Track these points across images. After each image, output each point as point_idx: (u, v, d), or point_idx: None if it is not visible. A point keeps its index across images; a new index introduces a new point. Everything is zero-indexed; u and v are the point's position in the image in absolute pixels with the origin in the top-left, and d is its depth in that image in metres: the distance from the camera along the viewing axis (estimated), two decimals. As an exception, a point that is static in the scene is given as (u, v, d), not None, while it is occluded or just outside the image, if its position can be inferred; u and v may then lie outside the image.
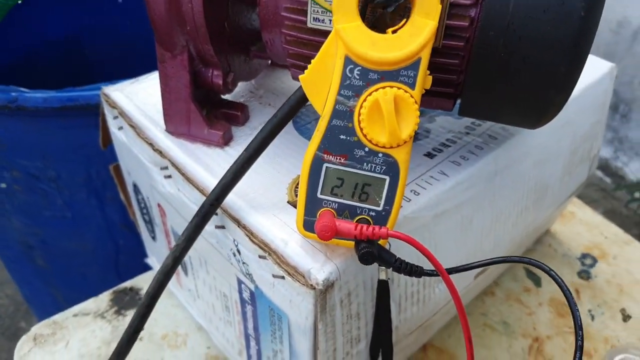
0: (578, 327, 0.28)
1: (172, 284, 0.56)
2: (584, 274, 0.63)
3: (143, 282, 0.60)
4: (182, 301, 0.56)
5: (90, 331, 0.56)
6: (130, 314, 0.56)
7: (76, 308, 0.58)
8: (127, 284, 0.60)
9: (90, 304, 0.58)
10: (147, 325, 0.37)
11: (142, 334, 0.48)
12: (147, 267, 0.61)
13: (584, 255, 0.65)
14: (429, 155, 0.40)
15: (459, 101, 0.35)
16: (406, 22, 0.28)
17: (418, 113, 0.28)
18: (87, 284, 0.69)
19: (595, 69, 0.52)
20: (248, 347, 0.44)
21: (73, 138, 0.61)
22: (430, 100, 0.35)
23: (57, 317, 0.57)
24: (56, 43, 0.87)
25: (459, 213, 0.39)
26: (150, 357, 0.53)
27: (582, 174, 0.56)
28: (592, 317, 0.58)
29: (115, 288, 0.59)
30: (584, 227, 0.69)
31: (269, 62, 0.49)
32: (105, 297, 0.59)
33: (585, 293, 0.60)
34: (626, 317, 0.58)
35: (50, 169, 0.64)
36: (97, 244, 0.72)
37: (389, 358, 0.38)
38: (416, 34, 0.27)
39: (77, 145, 0.62)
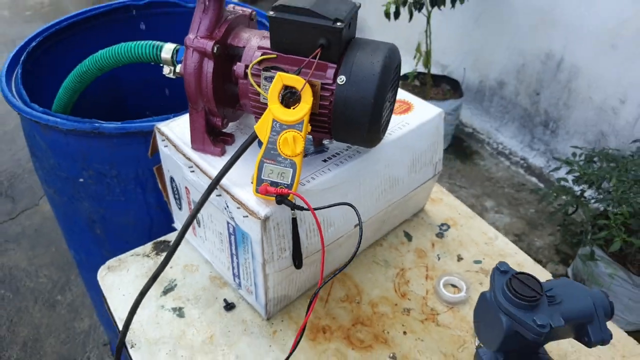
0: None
1: (189, 236, 0.96)
2: (440, 235, 1.03)
3: (171, 237, 1.00)
4: (195, 245, 0.95)
5: (141, 264, 0.95)
6: (163, 255, 0.96)
7: (132, 251, 0.97)
8: (161, 238, 1.00)
9: (139, 250, 0.98)
10: (175, 259, 0.76)
11: (171, 264, 0.90)
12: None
13: (442, 224, 1.05)
14: (324, 160, 0.80)
15: (330, 135, 0.76)
16: (298, 105, 0.68)
17: (303, 143, 0.68)
18: (128, 247, 1.07)
19: (429, 112, 0.92)
20: (232, 261, 0.84)
21: (130, 150, 1.02)
22: (318, 135, 0.76)
23: (120, 256, 0.96)
24: (102, 81, 1.26)
25: (338, 190, 0.79)
26: (176, 277, 0.92)
27: (428, 172, 0.96)
28: (438, 258, 0.98)
29: (154, 240, 0.99)
30: (446, 207, 1.09)
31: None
32: (149, 245, 0.98)
33: (437, 245, 1.01)
34: (459, 259, 0.98)
35: (114, 169, 1.04)
36: (138, 218, 1.12)
37: (300, 262, 0.78)
38: (301, 110, 0.68)
39: (132, 154, 1.02)
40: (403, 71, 2.92)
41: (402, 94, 0.97)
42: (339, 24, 0.67)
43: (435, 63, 3.00)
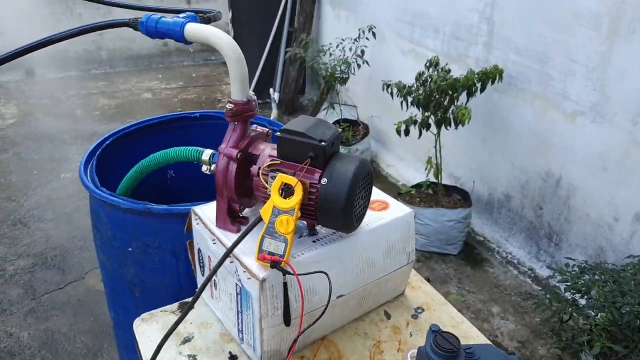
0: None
1: (208, 298, 1.20)
2: (414, 316, 1.24)
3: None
4: (212, 307, 1.20)
5: (167, 318, 1.20)
6: (186, 311, 1.20)
7: (161, 308, 1.22)
8: (186, 299, 1.25)
9: (167, 307, 1.23)
10: (195, 317, 1.01)
11: (191, 321, 1.14)
12: (196, 291, 1.26)
13: (418, 307, 1.26)
14: (314, 241, 1.06)
15: (316, 221, 1.02)
16: (292, 197, 0.96)
17: (294, 224, 0.95)
18: (159, 307, 1.32)
19: (402, 210, 1.18)
20: (237, 318, 1.07)
21: (170, 226, 1.31)
22: (308, 220, 1.02)
23: (152, 311, 1.21)
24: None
25: (322, 264, 1.04)
26: (194, 331, 1.16)
27: (402, 259, 1.20)
28: (411, 335, 1.18)
29: (180, 301, 1.24)
30: (423, 294, 1.31)
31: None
32: (175, 304, 1.23)
33: (412, 324, 1.21)
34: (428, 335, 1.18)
35: (157, 242, 1.33)
36: (170, 283, 1.38)
37: (288, 320, 1.01)
38: (293, 200, 0.96)
39: (171, 230, 1.31)
40: (418, 180, 3.22)
41: (382, 196, 1.24)
42: (323, 143, 0.97)
43: (448, 174, 3.29)
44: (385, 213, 1.18)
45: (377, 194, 1.26)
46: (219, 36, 1.01)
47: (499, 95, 2.82)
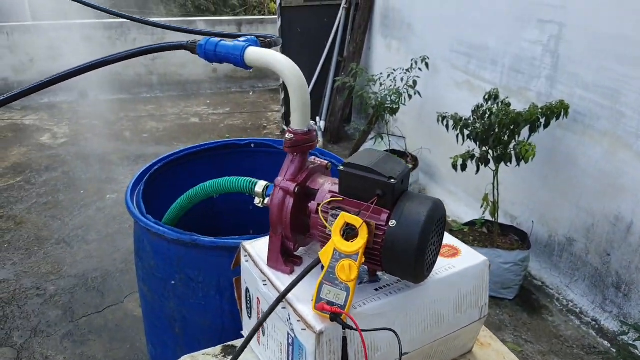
0: None
1: (254, 344, 1.09)
2: (483, 376, 1.09)
3: (238, 343, 1.14)
4: (258, 354, 1.08)
5: (209, 363, 1.09)
6: (229, 358, 1.09)
7: (203, 350, 1.12)
8: (230, 342, 1.14)
9: (210, 350, 1.12)
10: None
11: None
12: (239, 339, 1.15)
13: (487, 367, 1.11)
14: (376, 289, 0.94)
15: (381, 268, 0.90)
16: (356, 239, 0.85)
17: (357, 271, 0.83)
18: (199, 347, 1.22)
19: (475, 258, 1.05)
20: (287, 369, 0.96)
21: (217, 260, 1.21)
22: (371, 266, 0.91)
23: (194, 354, 1.11)
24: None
25: (386, 318, 0.92)
26: (237, 378, 1.05)
27: (473, 314, 1.06)
28: (478, 398, 1.03)
29: (224, 343, 1.13)
30: (494, 352, 1.15)
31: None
32: (218, 347, 1.13)
33: (479, 385, 1.06)
34: (499, 402, 1.03)
35: (201, 276, 1.23)
36: (213, 322, 1.28)
37: (347, 377, 0.89)
38: (357, 244, 0.84)
39: (217, 264, 1.22)
40: (472, 217, 3.05)
41: (451, 240, 1.11)
42: (392, 180, 0.86)
43: (504, 213, 3.11)
44: (456, 260, 1.05)
45: (445, 237, 1.13)
46: (282, 61, 0.93)
47: (563, 131, 2.64)
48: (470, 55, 3.27)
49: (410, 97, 3.51)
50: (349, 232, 0.86)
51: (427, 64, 3.47)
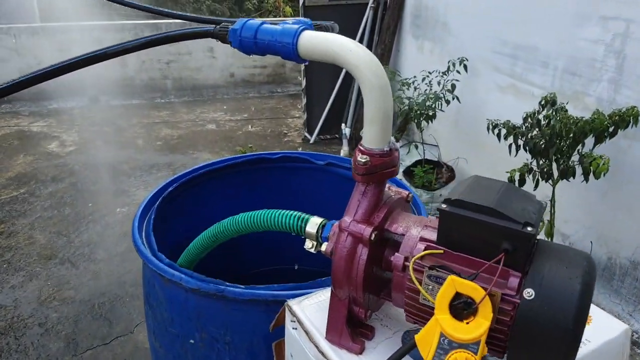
0: None
1: None
2: None
3: None
4: None
5: None
6: None
7: None
8: None
9: None
10: None
11: None
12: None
13: None
14: (487, 381, 0.64)
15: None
16: (473, 318, 0.56)
17: (478, 369, 0.54)
18: None
19: (612, 327, 0.75)
20: None
21: (249, 317, 0.93)
22: (491, 353, 0.61)
23: None
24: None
25: None
26: None
27: (608, 404, 0.76)
28: None
29: None
30: None
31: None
32: None
33: None
34: None
35: (228, 335, 0.95)
36: (242, 394, 0.99)
37: None
38: (479, 327, 0.55)
39: (250, 322, 0.93)
40: (520, 237, 2.73)
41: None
42: (529, 228, 0.57)
43: (555, 230, 2.78)
44: (591, 333, 0.75)
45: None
46: (355, 50, 0.64)
47: (630, 142, 2.32)
48: (516, 57, 2.96)
49: (448, 102, 3.20)
50: (464, 309, 0.57)
51: (465, 67, 3.16)
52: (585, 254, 0.60)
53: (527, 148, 2.25)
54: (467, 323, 0.56)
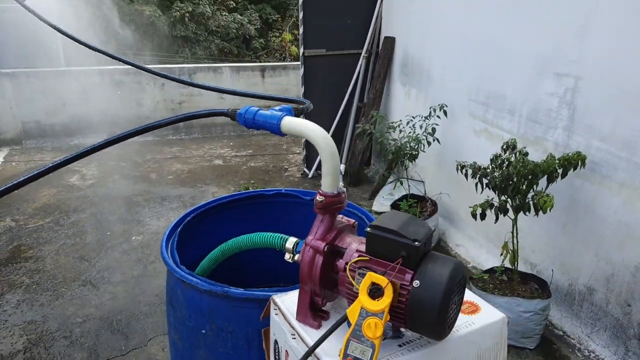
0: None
1: (281, 393, 1.14)
2: None
3: (265, 392, 1.18)
4: (284, 403, 1.13)
5: (238, 412, 1.14)
6: (257, 406, 1.14)
7: (232, 399, 1.17)
8: (257, 392, 1.19)
9: (238, 399, 1.17)
10: None
11: None
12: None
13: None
14: (400, 345, 0.99)
15: (405, 325, 0.96)
16: (381, 298, 0.91)
17: (382, 328, 0.89)
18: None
19: (494, 315, 1.09)
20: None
21: (246, 312, 1.27)
22: (396, 324, 0.96)
23: (222, 402, 1.16)
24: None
25: (409, 372, 0.96)
26: None
27: (493, 370, 1.09)
28: None
29: (251, 392, 1.18)
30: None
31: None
32: (246, 396, 1.17)
33: None
34: None
35: (231, 326, 1.29)
36: (240, 371, 1.32)
37: None
38: (383, 303, 0.90)
39: (246, 315, 1.28)
40: (492, 263, 3.06)
41: (471, 297, 1.16)
42: (416, 242, 0.92)
43: (524, 260, 3.11)
44: (475, 317, 1.09)
45: (466, 293, 1.18)
46: (315, 130, 1.02)
47: (582, 181, 2.68)
48: (488, 105, 3.36)
49: (429, 143, 3.59)
50: (375, 291, 0.92)
51: (445, 112, 3.56)
52: (454, 260, 0.95)
53: (490, 186, 2.61)
54: (377, 301, 0.91)
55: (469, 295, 1.16)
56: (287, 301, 1.13)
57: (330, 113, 4.72)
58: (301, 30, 4.50)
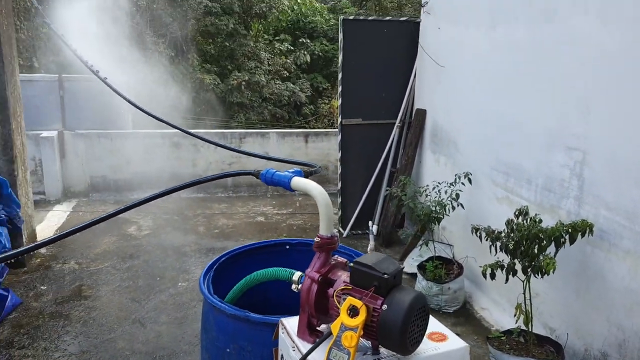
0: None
1: (283, 400, 1.41)
2: None
3: (272, 400, 1.45)
4: (286, 408, 1.39)
5: (248, 413, 1.41)
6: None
7: (245, 403, 1.44)
8: (266, 399, 1.46)
9: (250, 404, 1.45)
10: None
11: None
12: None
13: None
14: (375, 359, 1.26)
15: (377, 341, 1.23)
16: (357, 317, 1.20)
17: (357, 340, 1.17)
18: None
19: (457, 343, 1.34)
20: (305, 417, 1.26)
21: (263, 334, 1.57)
22: (372, 341, 1.24)
23: (237, 405, 1.44)
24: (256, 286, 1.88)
25: (379, 380, 1.22)
26: None
27: (456, 389, 1.33)
28: None
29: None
30: None
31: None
32: (256, 402, 1.45)
33: None
34: None
35: (250, 346, 1.59)
36: (256, 385, 1.60)
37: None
38: (358, 320, 1.19)
39: (263, 337, 1.57)
40: (509, 326, 3.19)
41: (443, 329, 1.41)
42: (386, 275, 1.21)
43: (543, 324, 3.22)
44: (441, 344, 1.35)
45: (439, 327, 1.44)
46: (314, 187, 1.35)
47: (591, 248, 2.84)
48: (508, 174, 3.60)
49: (453, 208, 3.83)
50: (353, 311, 1.21)
51: (469, 179, 3.82)
52: (417, 292, 1.23)
53: (502, 249, 2.82)
54: (354, 319, 1.20)
55: (441, 328, 1.41)
56: (292, 323, 1.42)
57: (365, 176, 5.06)
58: (340, 101, 4.95)
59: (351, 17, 5.06)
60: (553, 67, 3.16)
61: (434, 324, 1.40)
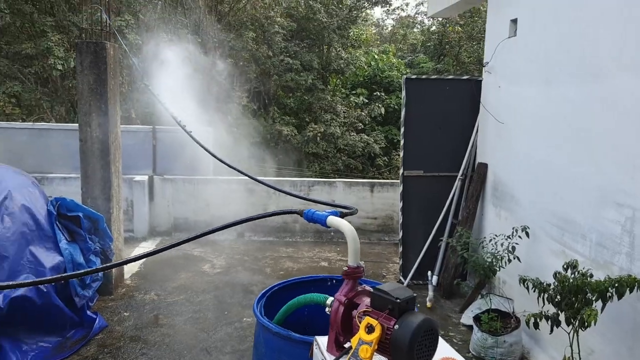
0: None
1: (314, 408, 1.63)
2: None
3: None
4: (315, 415, 1.62)
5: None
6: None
7: (282, 409, 1.68)
8: (300, 408, 1.69)
9: (286, 411, 1.68)
10: None
11: None
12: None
13: None
14: (389, 374, 1.47)
15: (390, 357, 1.44)
16: (373, 334, 1.43)
17: (371, 353, 1.39)
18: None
19: (467, 370, 1.51)
20: (328, 420, 1.48)
21: (302, 351, 1.81)
22: (384, 354, 1.45)
23: (275, 410, 1.68)
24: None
25: (391, 392, 1.42)
26: None
27: (464, 410, 1.49)
28: None
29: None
30: None
31: (361, 340, 1.63)
32: (291, 409, 1.68)
33: None
34: None
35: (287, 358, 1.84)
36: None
37: None
38: (373, 336, 1.42)
39: (302, 354, 1.81)
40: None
41: (455, 355, 1.59)
42: (398, 300, 1.44)
43: (598, 382, 3.16)
44: (451, 366, 1.52)
45: (451, 353, 1.61)
46: (345, 224, 1.62)
47: (643, 304, 2.83)
48: (564, 229, 3.64)
49: (510, 261, 3.89)
50: (369, 329, 1.44)
51: (527, 233, 3.88)
52: (425, 317, 1.44)
53: (549, 300, 2.88)
54: (370, 335, 1.43)
55: (454, 354, 1.59)
56: (324, 340, 1.66)
57: (426, 227, 5.20)
58: (402, 154, 5.21)
59: (414, 77, 5.37)
60: (601, 123, 3.26)
61: (447, 350, 1.59)
